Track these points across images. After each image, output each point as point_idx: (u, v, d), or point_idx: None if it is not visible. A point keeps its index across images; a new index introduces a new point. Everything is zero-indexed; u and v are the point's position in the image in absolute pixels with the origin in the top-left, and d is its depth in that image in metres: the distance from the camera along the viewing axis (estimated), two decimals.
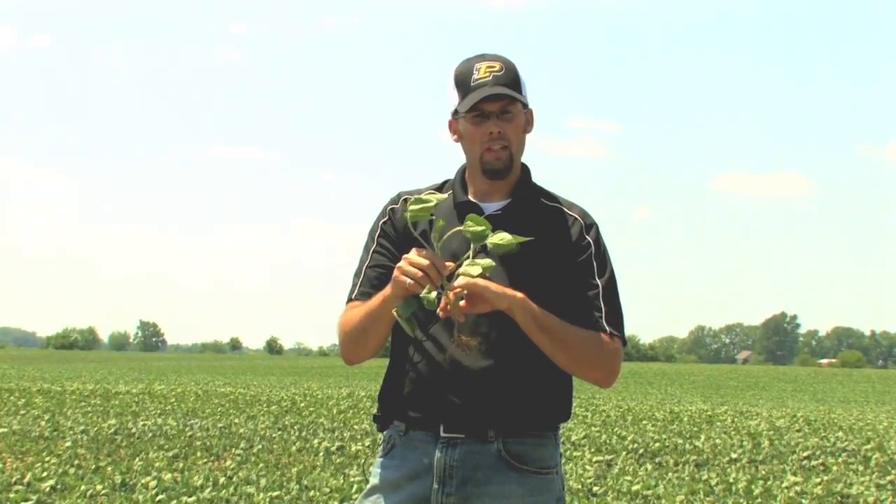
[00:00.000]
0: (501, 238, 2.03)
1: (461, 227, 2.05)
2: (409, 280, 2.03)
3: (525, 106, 2.27)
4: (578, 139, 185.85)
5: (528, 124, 2.30)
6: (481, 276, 2.02)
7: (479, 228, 2.03)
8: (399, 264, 2.07)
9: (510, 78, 2.23)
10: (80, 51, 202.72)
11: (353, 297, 2.31)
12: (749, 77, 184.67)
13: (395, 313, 2.10)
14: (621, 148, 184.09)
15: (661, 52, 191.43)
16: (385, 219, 2.35)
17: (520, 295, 2.10)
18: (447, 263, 2.04)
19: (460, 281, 2.02)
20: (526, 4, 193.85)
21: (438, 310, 2.03)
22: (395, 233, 2.30)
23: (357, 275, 2.34)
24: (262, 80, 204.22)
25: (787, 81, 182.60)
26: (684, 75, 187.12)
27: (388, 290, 2.14)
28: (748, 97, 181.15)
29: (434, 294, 2.03)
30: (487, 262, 2.03)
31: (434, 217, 2.12)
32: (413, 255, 2.06)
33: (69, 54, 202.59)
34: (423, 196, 2.11)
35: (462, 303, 2.02)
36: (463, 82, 2.24)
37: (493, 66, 2.23)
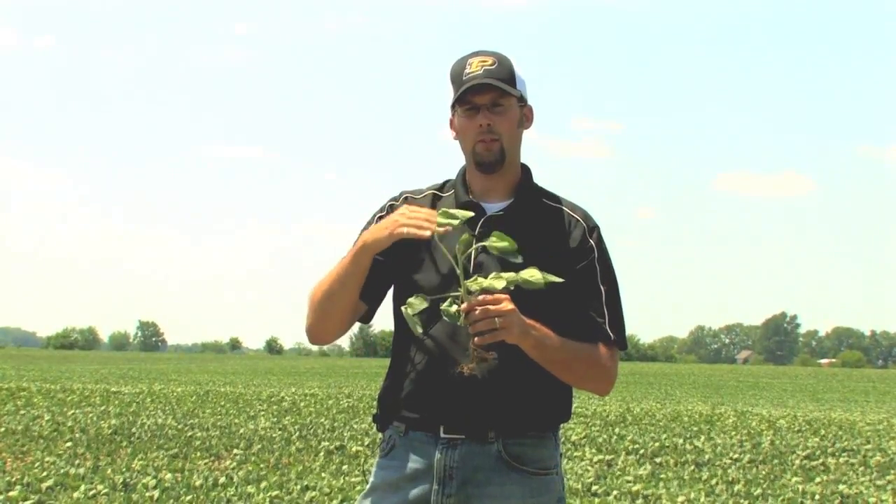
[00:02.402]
0: (531, 275, 2.02)
1: (486, 243, 2.06)
2: (404, 229, 2.08)
3: (522, 101, 2.27)
4: (581, 139, 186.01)
5: (526, 120, 2.29)
6: (505, 289, 2.02)
7: (504, 244, 2.03)
8: (395, 218, 2.13)
9: (503, 72, 2.22)
10: (82, 51, 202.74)
11: None
12: (751, 77, 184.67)
13: (403, 311, 2.11)
14: (624, 148, 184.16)
15: (664, 53, 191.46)
16: (383, 214, 2.33)
17: (536, 333, 2.09)
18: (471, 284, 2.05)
19: (502, 321, 2.01)
20: (529, 4, 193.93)
21: (473, 338, 2.03)
22: None
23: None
24: (265, 80, 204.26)
25: (790, 81, 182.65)
26: (687, 75, 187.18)
27: (368, 237, 2.16)
28: (750, 97, 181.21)
29: (454, 308, 2.03)
30: (511, 275, 2.02)
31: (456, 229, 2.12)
32: (409, 207, 2.14)
33: (72, 55, 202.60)
34: (451, 210, 2.09)
35: (484, 337, 2.02)
36: (456, 77, 2.24)
37: (486, 61, 2.22)
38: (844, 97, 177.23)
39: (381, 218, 2.31)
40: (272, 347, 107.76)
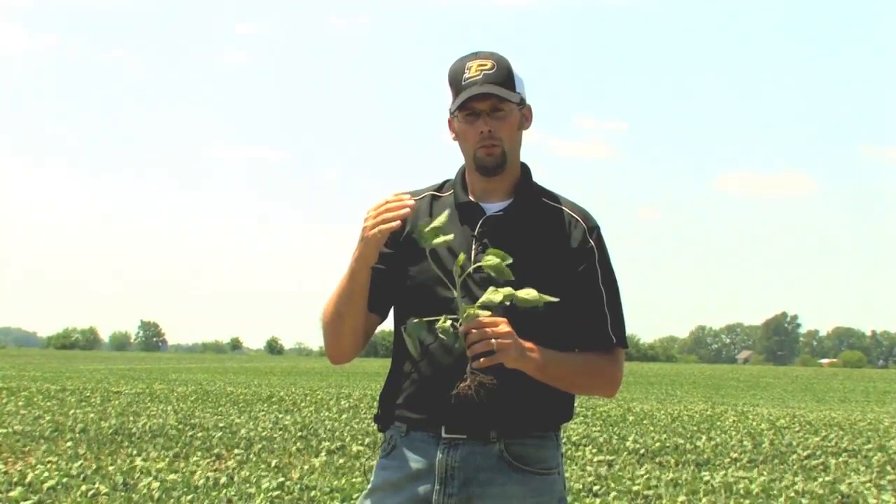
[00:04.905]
0: (528, 293, 2.03)
1: (482, 264, 2.06)
2: (374, 231, 2.09)
3: (521, 103, 2.26)
4: (585, 139, 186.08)
5: (525, 121, 2.29)
6: (502, 303, 2.03)
7: (496, 261, 2.04)
8: (363, 225, 2.11)
9: (502, 75, 2.21)
10: (86, 51, 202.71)
11: None
12: (754, 77, 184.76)
13: (403, 331, 2.14)
14: (626, 148, 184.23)
15: (668, 52, 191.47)
16: None
17: (534, 356, 2.10)
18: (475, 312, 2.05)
19: (499, 344, 2.02)
20: (533, 4, 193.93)
21: (470, 360, 2.03)
22: (390, 235, 2.29)
23: None
24: (268, 80, 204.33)
25: (792, 81, 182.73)
26: (690, 75, 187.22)
27: (356, 253, 2.16)
28: (753, 97, 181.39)
29: (448, 323, 2.04)
30: (508, 290, 2.03)
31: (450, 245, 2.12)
32: (371, 207, 2.13)
33: (75, 55, 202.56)
34: (436, 224, 2.08)
35: (482, 360, 2.02)
36: (455, 81, 2.23)
37: (485, 65, 2.21)
38: (846, 97, 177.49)
39: None
40: (272, 347, 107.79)
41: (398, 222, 2.11)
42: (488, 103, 2.20)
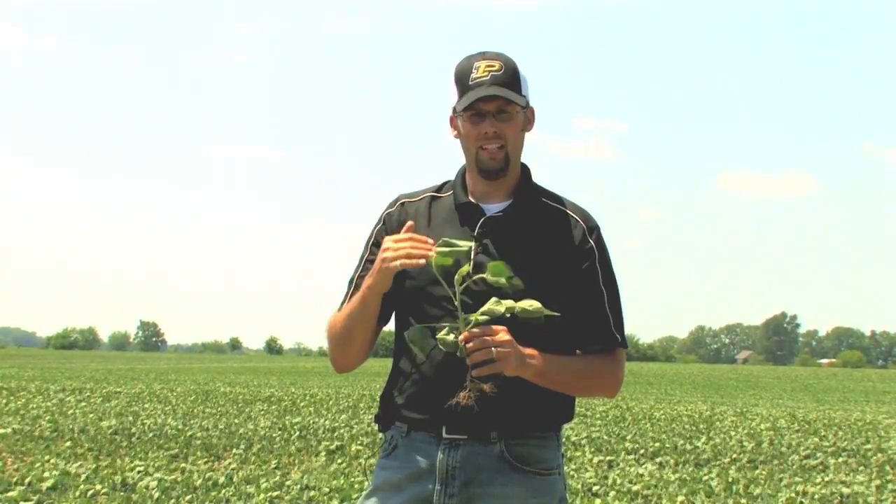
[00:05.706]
0: (530, 304, 2.04)
1: (484, 275, 2.06)
2: (396, 262, 2.07)
3: (525, 105, 2.26)
4: (585, 139, 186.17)
5: (528, 123, 2.29)
6: (504, 314, 2.03)
7: (501, 280, 2.03)
8: (383, 255, 2.10)
9: (509, 77, 2.21)
10: (86, 52, 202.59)
11: (343, 305, 2.32)
12: (755, 76, 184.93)
13: (406, 338, 2.14)
14: (626, 148, 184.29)
15: (668, 53, 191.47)
16: (380, 226, 2.34)
17: (534, 363, 2.11)
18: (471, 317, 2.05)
19: (499, 352, 2.02)
20: (534, 4, 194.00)
21: (471, 367, 2.03)
22: None
23: (349, 283, 2.34)
24: (268, 80, 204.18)
25: (793, 80, 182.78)
26: (690, 75, 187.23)
27: (370, 280, 2.16)
28: (753, 97, 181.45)
29: (451, 336, 2.05)
30: (510, 302, 2.04)
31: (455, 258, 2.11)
32: (393, 238, 2.11)
33: (75, 55, 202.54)
34: (451, 240, 2.08)
35: (482, 368, 2.03)
36: (461, 80, 2.23)
37: (493, 66, 2.21)
38: (846, 97, 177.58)
39: (378, 230, 2.34)
40: (272, 347, 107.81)
41: (423, 261, 2.07)
42: (494, 104, 2.20)
